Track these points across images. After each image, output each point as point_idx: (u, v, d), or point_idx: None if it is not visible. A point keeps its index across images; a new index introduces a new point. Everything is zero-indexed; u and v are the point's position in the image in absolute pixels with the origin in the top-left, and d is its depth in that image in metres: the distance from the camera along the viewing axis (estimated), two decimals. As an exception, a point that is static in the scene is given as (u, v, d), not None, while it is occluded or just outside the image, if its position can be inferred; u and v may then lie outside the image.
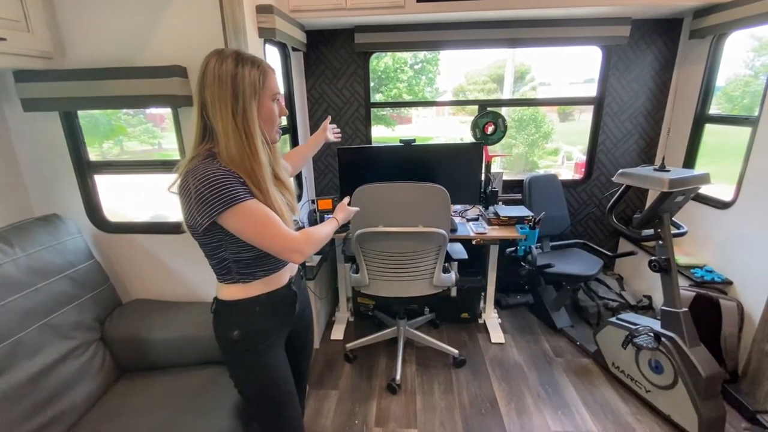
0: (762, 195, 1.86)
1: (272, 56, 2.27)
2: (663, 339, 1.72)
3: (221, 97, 0.91)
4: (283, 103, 1.07)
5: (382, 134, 10.87)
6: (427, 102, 6.58)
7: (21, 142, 1.58)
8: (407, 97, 9.56)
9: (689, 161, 2.36)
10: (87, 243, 1.57)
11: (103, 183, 1.75)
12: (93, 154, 1.70)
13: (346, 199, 1.32)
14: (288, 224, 0.99)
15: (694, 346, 1.69)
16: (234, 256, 1.00)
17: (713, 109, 2.28)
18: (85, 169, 1.65)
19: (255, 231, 0.92)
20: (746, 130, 1.96)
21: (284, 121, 2.47)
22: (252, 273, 1.03)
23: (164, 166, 1.64)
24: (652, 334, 1.73)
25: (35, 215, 1.57)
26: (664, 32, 2.39)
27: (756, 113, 1.89)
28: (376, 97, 9.44)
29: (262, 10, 1.79)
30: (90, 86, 1.43)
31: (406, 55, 9.01)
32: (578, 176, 2.82)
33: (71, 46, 1.47)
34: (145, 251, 1.73)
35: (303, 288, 1.24)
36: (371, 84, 2.63)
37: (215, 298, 1.08)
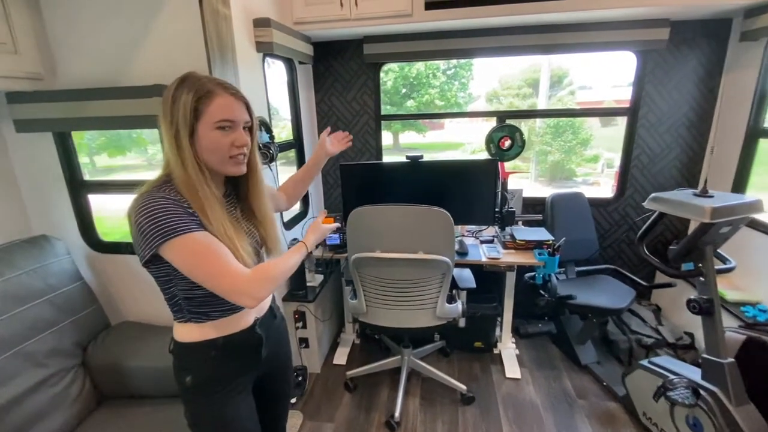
0: (832, 225, 1.56)
1: (278, 70, 2.21)
2: (703, 393, 1.47)
3: (164, 122, 0.84)
4: (255, 127, 0.94)
5: (413, 140, 10.77)
6: (443, 114, 6.33)
7: (18, 162, 1.59)
8: (439, 103, 9.38)
9: (740, 182, 2.05)
10: (75, 264, 1.55)
11: (101, 202, 1.75)
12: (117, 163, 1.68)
13: (321, 217, 1.18)
14: (246, 263, 0.87)
15: (741, 404, 1.43)
16: (184, 293, 0.90)
17: None
18: (79, 189, 1.63)
19: (195, 266, 0.81)
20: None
21: (290, 135, 2.41)
22: (206, 313, 0.93)
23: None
24: (690, 388, 1.47)
25: (34, 234, 1.57)
26: (709, 34, 2.10)
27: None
28: (408, 104, 9.36)
29: (259, 24, 1.73)
30: (79, 107, 1.41)
31: (439, 61, 8.85)
32: (610, 194, 2.55)
33: (62, 66, 1.46)
34: (138, 272, 1.68)
35: (276, 328, 1.12)
36: (403, 90, 2.52)
37: (171, 338, 0.99)
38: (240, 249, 0.88)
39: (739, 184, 2.05)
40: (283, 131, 2.50)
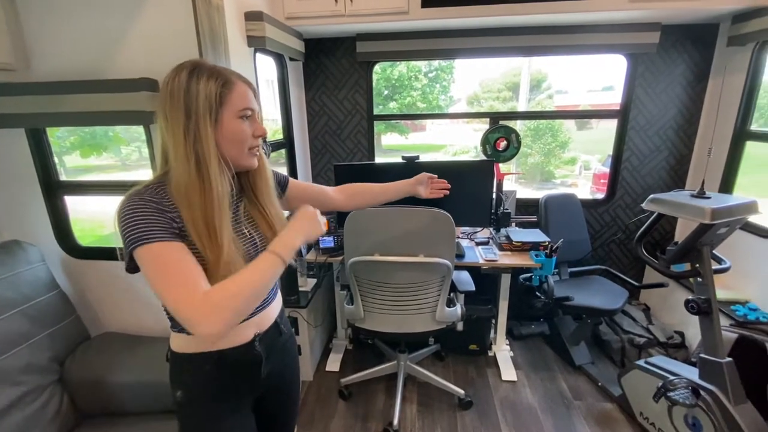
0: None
1: (268, 66, 2.13)
2: (702, 393, 1.48)
3: (173, 115, 0.76)
4: (260, 120, 0.88)
5: (396, 142, 10.75)
6: (432, 114, 6.33)
7: (-13, 161, 1.46)
8: (421, 105, 9.41)
9: (727, 182, 2.10)
10: (51, 272, 1.43)
11: (79, 204, 1.63)
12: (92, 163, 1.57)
13: (307, 209, 0.91)
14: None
15: (740, 403, 1.45)
16: None
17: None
18: (54, 190, 1.51)
19: (152, 280, 0.72)
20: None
21: (279, 135, 2.33)
22: None
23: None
24: (689, 388, 1.48)
25: (4, 240, 1.44)
26: (698, 39, 2.15)
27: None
28: (390, 106, 9.36)
29: (251, 17, 1.65)
30: (56, 101, 1.30)
31: (421, 63, 8.88)
32: (598, 194, 2.58)
33: (37, 57, 1.35)
34: (121, 279, 1.58)
35: (282, 346, 1.01)
36: (385, 92, 2.47)
37: (168, 346, 0.91)
38: (233, 255, 0.79)
39: (727, 186, 2.10)
40: (270, 130, 2.42)
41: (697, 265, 1.53)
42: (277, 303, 1.02)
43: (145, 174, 1.51)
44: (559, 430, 1.82)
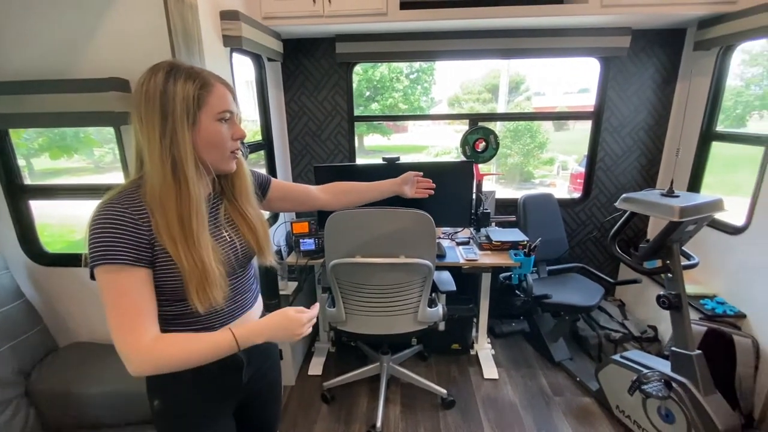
0: (778, 221, 1.69)
1: (245, 66, 2.09)
2: (674, 385, 1.53)
3: (148, 117, 0.73)
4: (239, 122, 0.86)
5: (378, 143, 10.75)
6: (413, 116, 6.37)
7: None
8: (403, 107, 9.43)
9: (695, 181, 2.19)
10: (15, 280, 1.36)
11: (45, 208, 1.56)
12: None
13: (307, 313, 0.85)
14: (212, 285, 0.77)
15: (709, 393, 1.50)
16: None
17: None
18: (18, 195, 1.44)
19: (105, 307, 0.72)
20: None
21: (258, 136, 2.29)
22: (180, 332, 0.83)
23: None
24: (662, 381, 1.53)
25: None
26: (666, 43, 2.24)
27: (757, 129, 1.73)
28: (372, 107, 9.34)
29: (226, 16, 1.62)
30: (19, 101, 1.24)
31: (402, 65, 8.91)
32: (575, 194, 2.65)
33: (-2, 55, 1.29)
34: (90, 286, 1.51)
35: (264, 349, 0.98)
36: (366, 93, 2.47)
37: None
38: (212, 264, 0.77)
39: (695, 184, 2.18)
40: (246, 131, 2.37)
41: (668, 261, 1.58)
42: (258, 307, 1.00)
43: (119, 176, 1.46)
44: (539, 425, 1.85)
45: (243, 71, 2.13)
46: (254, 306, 0.97)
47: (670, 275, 1.58)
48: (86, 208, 0.75)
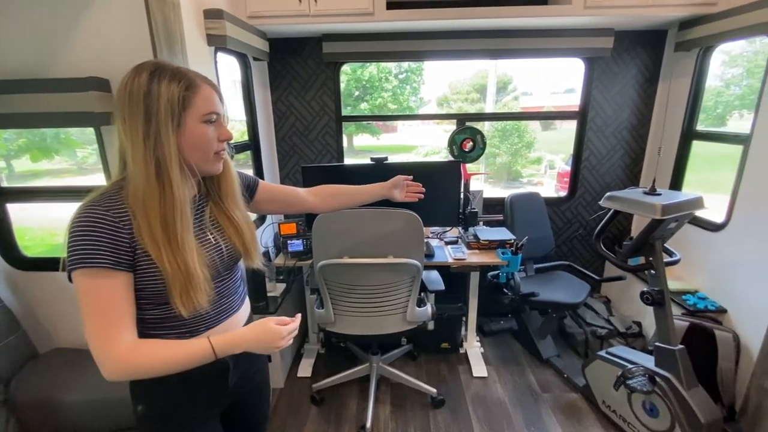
0: (755, 217, 1.74)
1: (231, 66, 2.07)
2: (658, 380, 1.56)
3: (132, 118, 0.71)
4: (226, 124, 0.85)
5: (368, 143, 10.75)
6: (400, 116, 6.34)
7: None
8: (392, 106, 9.44)
9: (677, 179, 2.24)
10: (-8, 285, 1.32)
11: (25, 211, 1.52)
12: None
13: (289, 325, 0.83)
14: (196, 289, 0.76)
15: (692, 387, 1.54)
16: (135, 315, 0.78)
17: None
18: (-6, 197, 1.41)
19: (82, 312, 0.71)
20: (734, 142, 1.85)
21: (245, 136, 2.27)
22: (160, 336, 0.81)
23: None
24: (646, 376, 1.56)
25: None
26: (648, 44, 2.28)
27: (747, 130, 1.77)
28: (361, 107, 9.33)
29: (210, 15, 1.60)
30: (-5, 101, 1.21)
31: (390, 65, 8.92)
32: (562, 192, 2.68)
33: (-29, 54, 1.25)
34: (71, 290, 1.48)
35: (250, 354, 0.89)
36: (356, 93, 2.46)
37: None
38: (196, 268, 0.76)
39: (676, 183, 2.23)
40: (233, 131, 2.35)
41: (651, 258, 1.61)
42: (245, 310, 0.99)
43: (104, 178, 1.43)
44: (528, 422, 1.87)
45: (229, 70, 2.11)
46: (241, 309, 0.96)
47: (653, 272, 1.61)
48: (69, 211, 0.73)
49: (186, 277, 0.75)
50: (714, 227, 1.96)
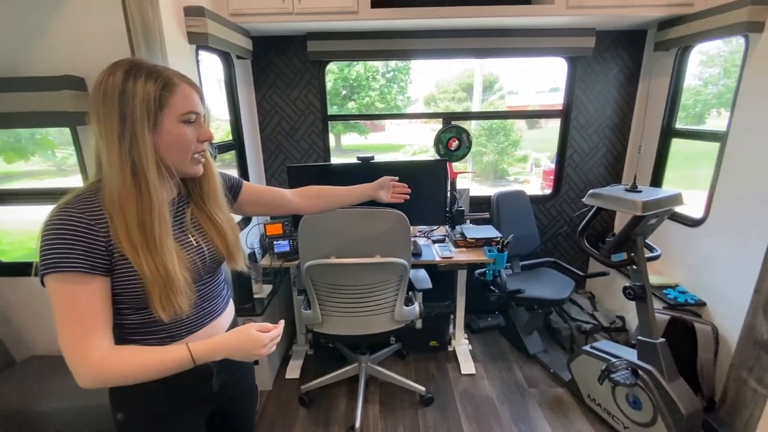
0: (732, 213, 1.78)
1: (214, 64, 2.04)
2: (640, 372, 1.59)
3: (106, 118, 0.69)
4: (207, 123, 0.82)
5: (355, 142, 10.72)
6: (387, 115, 6.38)
7: None
8: (380, 105, 9.44)
9: (657, 176, 2.29)
10: (-36, 292, 1.28)
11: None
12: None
13: (251, 334, 0.79)
14: (176, 293, 0.74)
15: (673, 380, 1.57)
16: (114, 320, 0.76)
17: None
18: (-35, 201, 1.36)
19: (56, 318, 0.69)
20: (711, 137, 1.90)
21: (229, 136, 2.23)
22: (140, 341, 0.79)
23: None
24: (629, 369, 1.59)
25: None
26: (628, 44, 2.32)
27: (723, 128, 1.82)
28: (349, 106, 9.30)
29: (191, 12, 1.57)
30: (-37, 101, 1.16)
31: (378, 64, 8.91)
32: (547, 190, 2.71)
33: (-63, 51, 1.20)
34: (47, 296, 1.44)
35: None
36: (343, 92, 2.44)
37: None
38: (177, 273, 0.74)
39: (657, 180, 2.28)
40: (218, 131, 2.31)
41: (632, 254, 1.64)
42: (229, 313, 0.97)
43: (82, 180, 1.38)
44: (515, 418, 1.89)
45: (212, 69, 2.07)
46: (224, 312, 0.94)
47: (635, 267, 1.65)
48: (45, 213, 0.71)
49: (165, 280, 0.73)
50: (693, 223, 2.01)
